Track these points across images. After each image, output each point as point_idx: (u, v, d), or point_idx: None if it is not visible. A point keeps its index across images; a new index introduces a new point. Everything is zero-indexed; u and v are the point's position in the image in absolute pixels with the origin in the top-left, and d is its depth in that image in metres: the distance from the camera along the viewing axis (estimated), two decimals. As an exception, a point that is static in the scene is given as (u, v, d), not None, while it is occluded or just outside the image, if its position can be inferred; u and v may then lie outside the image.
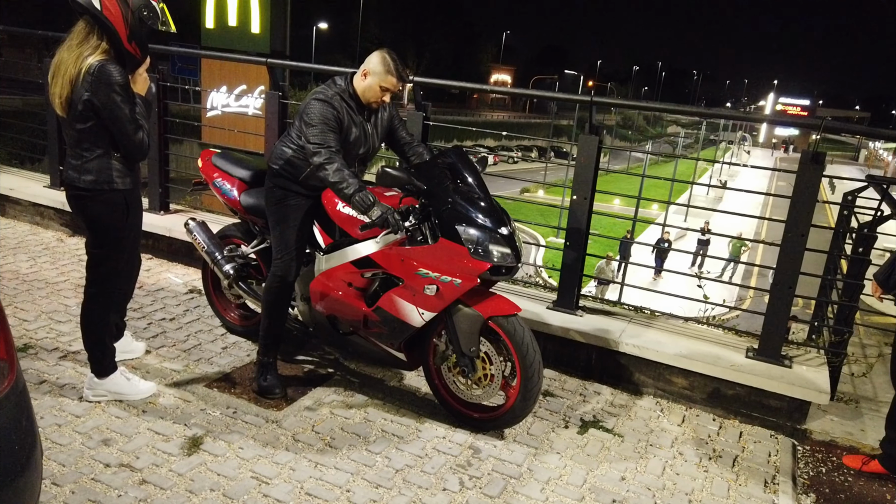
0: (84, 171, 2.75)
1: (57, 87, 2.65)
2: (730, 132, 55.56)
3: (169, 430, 2.83)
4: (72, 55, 2.63)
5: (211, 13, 8.64)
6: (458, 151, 3.12)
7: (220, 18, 8.60)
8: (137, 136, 2.75)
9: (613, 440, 3.12)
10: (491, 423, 3.05)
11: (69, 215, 5.21)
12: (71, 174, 2.79)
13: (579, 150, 3.69)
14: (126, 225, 2.90)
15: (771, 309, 3.40)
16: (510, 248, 2.87)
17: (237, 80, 8.61)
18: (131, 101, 2.71)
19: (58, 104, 2.67)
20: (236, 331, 3.83)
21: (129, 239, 2.96)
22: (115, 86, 2.62)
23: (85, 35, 2.64)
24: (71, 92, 2.64)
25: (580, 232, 3.74)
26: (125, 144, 2.76)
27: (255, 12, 8.61)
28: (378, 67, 2.98)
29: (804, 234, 3.25)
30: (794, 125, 19.68)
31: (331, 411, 3.13)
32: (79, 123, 2.68)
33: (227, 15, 8.63)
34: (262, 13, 8.55)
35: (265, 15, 8.50)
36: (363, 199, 2.79)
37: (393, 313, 3.00)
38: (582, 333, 3.63)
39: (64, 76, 2.64)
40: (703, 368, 3.38)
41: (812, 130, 3.63)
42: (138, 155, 2.82)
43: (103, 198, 2.79)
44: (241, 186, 3.52)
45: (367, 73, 2.99)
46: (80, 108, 2.64)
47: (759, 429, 3.33)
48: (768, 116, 15.38)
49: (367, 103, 3.06)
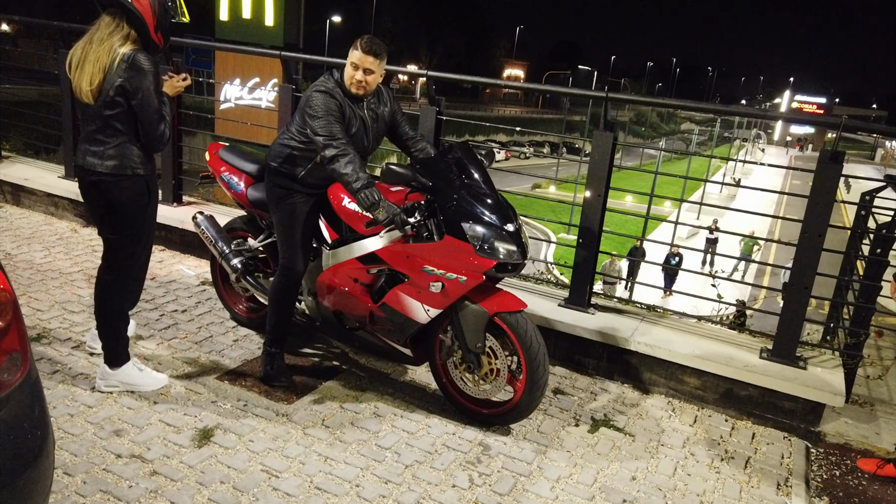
0: (106, 157, 2.80)
1: (86, 75, 2.72)
2: (744, 129, 55.12)
3: (180, 422, 2.84)
4: (103, 46, 2.72)
5: (225, 5, 8.66)
6: (465, 147, 3.09)
7: (234, 11, 8.62)
8: (160, 126, 2.81)
9: (624, 439, 3.10)
10: (499, 418, 3.04)
11: (83, 206, 5.23)
12: (91, 160, 2.82)
13: (594, 146, 3.66)
14: (146, 210, 2.95)
15: (786, 309, 3.36)
16: (516, 244, 2.85)
17: (250, 72, 8.62)
18: (160, 91, 2.80)
19: (87, 92, 2.73)
20: (245, 323, 3.84)
21: (147, 224, 3.00)
22: (148, 73, 2.71)
23: (114, 27, 2.73)
24: (103, 80, 2.71)
25: (593, 229, 3.71)
26: (147, 133, 2.81)
27: (270, 5, 8.62)
28: (353, 53, 2.95)
29: (821, 234, 3.21)
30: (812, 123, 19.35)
31: (340, 405, 3.13)
32: (107, 110, 2.75)
33: (242, 7, 8.65)
34: (276, 6, 8.56)
35: (279, 8, 8.51)
36: (368, 195, 2.77)
37: (398, 310, 2.99)
38: (593, 331, 3.61)
39: (95, 65, 2.71)
40: (716, 368, 3.35)
41: (829, 129, 3.58)
42: (158, 145, 2.87)
43: (126, 183, 2.84)
44: (248, 180, 3.52)
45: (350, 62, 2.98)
46: (111, 95, 2.72)
47: (772, 430, 3.30)
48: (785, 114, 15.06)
49: (352, 92, 3.00)
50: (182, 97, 5.00)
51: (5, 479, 1.49)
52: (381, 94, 3.16)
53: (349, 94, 2.99)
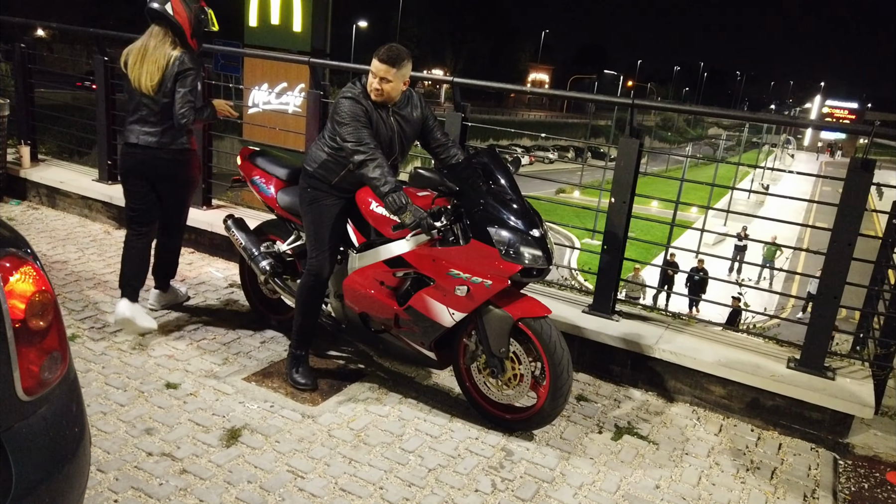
0: (159, 135, 3.53)
1: (146, 73, 3.43)
2: (773, 135, 54.27)
3: (209, 422, 2.90)
4: (158, 51, 3.44)
5: (254, 12, 8.81)
6: (492, 152, 3.12)
7: (263, 17, 8.76)
8: (182, 110, 3.42)
9: (648, 447, 3.09)
10: (522, 423, 3.05)
11: (116, 209, 5.36)
12: (145, 138, 3.52)
13: (619, 152, 3.65)
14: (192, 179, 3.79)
15: (814, 319, 3.32)
16: (541, 250, 2.86)
17: (278, 77, 8.76)
18: (194, 88, 3.44)
19: (148, 86, 3.44)
20: (272, 325, 3.90)
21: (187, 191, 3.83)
22: (193, 70, 3.44)
23: (163, 35, 3.46)
24: (162, 76, 3.42)
25: (618, 236, 3.71)
26: (175, 111, 3.44)
27: (298, 11, 8.74)
28: (374, 63, 2.99)
29: (851, 243, 3.17)
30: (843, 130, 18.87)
31: (365, 408, 3.16)
32: (166, 98, 3.46)
33: (270, 13, 8.79)
34: (304, 12, 8.68)
35: (307, 14, 8.63)
36: (396, 199, 2.81)
37: (424, 313, 3.02)
38: (617, 338, 3.60)
39: (154, 65, 3.42)
40: (742, 377, 3.32)
41: (861, 136, 3.53)
42: (179, 121, 3.45)
43: (173, 155, 3.59)
44: (278, 185, 3.58)
45: (372, 73, 3.01)
46: (168, 87, 3.43)
47: (799, 441, 3.26)
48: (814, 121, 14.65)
49: (379, 97, 3.03)
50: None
51: (45, 475, 1.54)
52: (411, 98, 3.19)
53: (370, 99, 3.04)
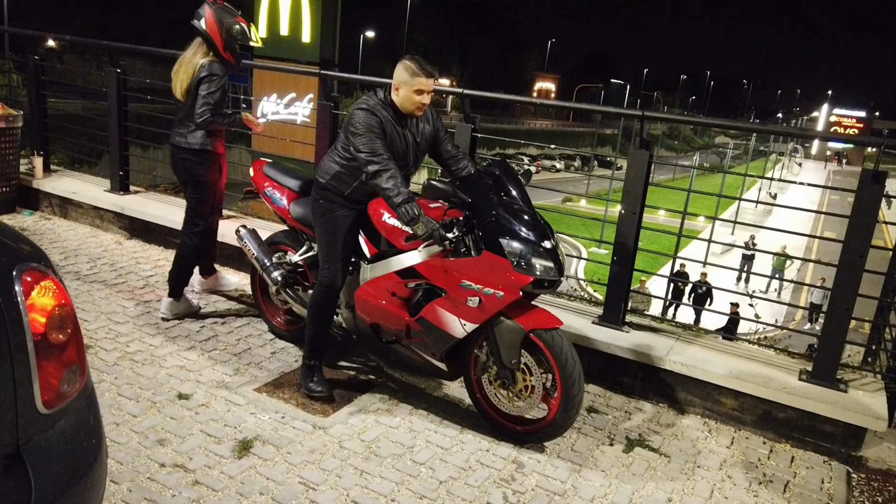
0: (189, 136, 3.84)
1: (180, 80, 3.78)
2: (781, 143, 54.14)
3: (220, 433, 2.91)
4: (191, 61, 3.76)
5: (263, 23, 8.89)
6: (503, 164, 3.14)
7: (272, 28, 8.84)
8: (201, 109, 3.68)
9: (660, 460, 3.08)
10: (533, 435, 3.05)
11: (128, 219, 5.40)
12: (178, 139, 3.87)
13: (629, 164, 3.66)
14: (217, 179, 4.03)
15: (826, 331, 3.31)
16: (553, 261, 2.87)
17: (287, 88, 8.83)
18: (213, 90, 3.68)
19: (179, 92, 3.80)
20: (283, 335, 3.91)
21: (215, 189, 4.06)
22: (213, 76, 3.70)
23: (198, 46, 3.77)
24: (189, 82, 3.74)
25: (628, 247, 3.71)
26: (195, 111, 3.69)
27: (307, 22, 8.82)
28: (404, 76, 3.01)
29: (863, 255, 3.16)
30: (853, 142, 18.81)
31: (376, 419, 3.17)
32: (191, 102, 3.75)
33: (280, 24, 8.87)
34: (312, 23, 8.75)
35: (316, 24, 8.70)
36: (408, 210, 2.82)
37: (435, 323, 3.03)
38: (628, 350, 3.59)
39: (185, 73, 3.76)
40: (753, 390, 3.31)
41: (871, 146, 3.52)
42: (197, 121, 3.71)
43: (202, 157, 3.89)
44: (290, 196, 3.61)
45: (398, 87, 3.03)
46: (193, 90, 3.73)
47: (811, 454, 3.24)
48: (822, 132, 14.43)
49: (410, 113, 3.09)
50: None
51: (64, 487, 1.56)
52: (425, 111, 3.23)
53: (397, 112, 3.07)
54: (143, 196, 5.70)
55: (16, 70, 8.56)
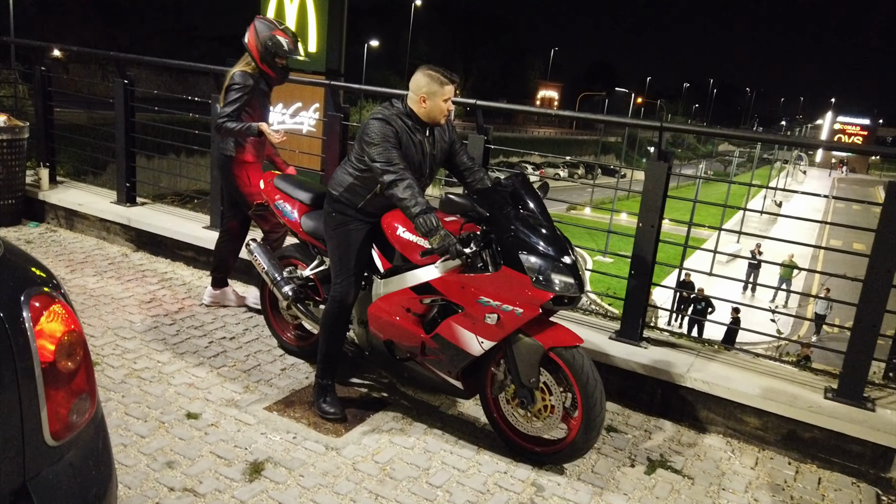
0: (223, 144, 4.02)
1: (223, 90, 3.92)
2: (785, 151, 53.98)
3: (231, 455, 2.83)
4: (231, 71, 3.91)
5: (269, 33, 8.85)
6: (522, 178, 3.06)
7: (277, 38, 8.80)
8: (220, 119, 3.78)
9: (683, 482, 2.98)
10: (552, 456, 2.96)
11: (135, 231, 5.34)
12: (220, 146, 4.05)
13: (647, 176, 3.58)
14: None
15: (852, 348, 3.21)
16: (573, 277, 2.79)
17: (293, 97, 8.77)
18: (235, 99, 3.77)
19: (221, 101, 3.92)
20: (293, 351, 3.83)
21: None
22: (234, 85, 3.80)
23: (243, 59, 3.90)
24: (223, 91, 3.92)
25: (646, 260, 3.63)
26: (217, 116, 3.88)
27: (312, 32, 8.77)
28: (433, 86, 2.97)
29: (891, 269, 3.07)
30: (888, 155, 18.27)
31: (390, 440, 3.08)
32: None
33: (285, 34, 8.83)
34: (318, 33, 8.70)
35: (322, 34, 8.65)
36: (426, 221, 2.76)
37: (451, 341, 2.95)
38: (647, 366, 3.50)
39: (224, 82, 3.91)
40: (778, 409, 3.21)
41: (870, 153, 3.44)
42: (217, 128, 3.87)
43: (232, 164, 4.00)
44: (301, 209, 3.54)
45: (426, 98, 2.97)
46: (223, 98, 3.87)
47: (839, 475, 3.14)
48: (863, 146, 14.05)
49: (436, 122, 3.06)
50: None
51: (73, 523, 1.47)
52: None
53: (416, 122, 3.02)
54: (150, 208, 5.64)
55: (21, 81, 8.54)
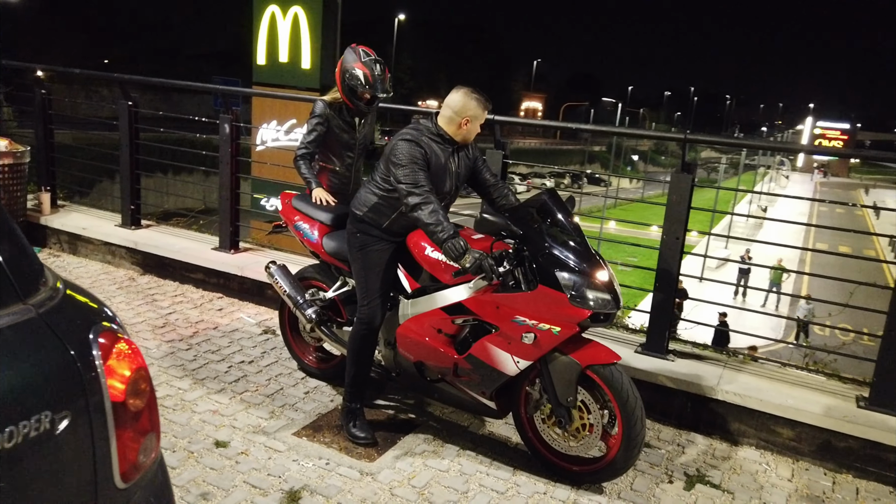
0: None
1: None
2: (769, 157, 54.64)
3: (265, 484, 2.75)
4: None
5: (263, 50, 8.83)
6: (552, 193, 3.04)
7: (271, 55, 8.79)
8: (300, 149, 3.73)
9: (723, 497, 2.94)
10: (591, 476, 2.91)
11: (140, 255, 5.25)
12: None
13: (671, 188, 3.57)
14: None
15: (884, 355, 3.21)
16: (610, 293, 2.76)
17: (287, 114, 8.73)
18: (311, 130, 3.73)
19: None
20: (314, 374, 3.76)
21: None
22: (312, 113, 3.77)
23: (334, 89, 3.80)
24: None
25: (671, 273, 3.61)
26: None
27: (306, 49, 8.77)
28: (479, 111, 2.97)
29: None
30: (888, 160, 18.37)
31: (424, 462, 3.02)
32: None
33: (279, 52, 8.82)
34: (312, 49, 8.70)
35: (316, 51, 8.64)
36: (455, 245, 2.73)
37: (486, 361, 2.90)
38: (675, 380, 3.48)
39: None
40: (812, 419, 3.20)
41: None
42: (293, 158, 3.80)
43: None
44: (322, 229, 3.49)
45: (469, 121, 2.96)
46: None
47: (876, 484, 3.12)
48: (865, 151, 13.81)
49: (467, 142, 3.06)
50: (240, 145, 5.01)
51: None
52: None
53: (444, 142, 3.00)
54: (156, 230, 5.56)
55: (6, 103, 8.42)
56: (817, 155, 58.74)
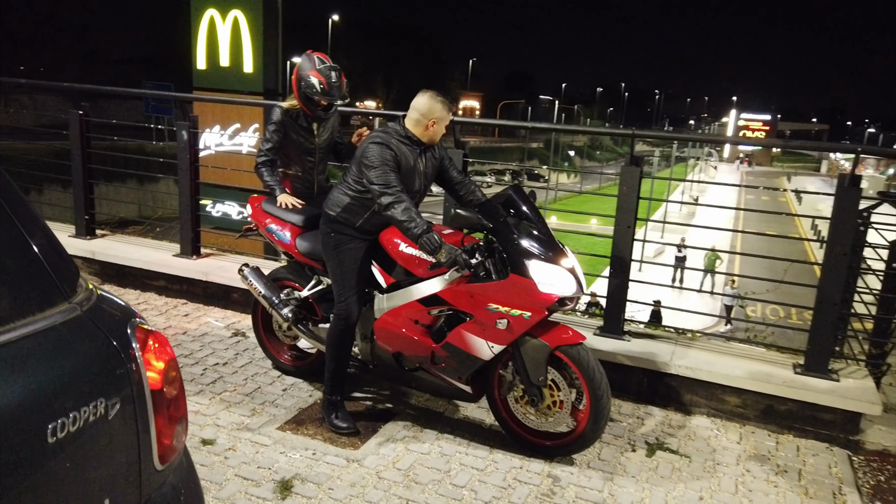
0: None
1: None
2: (697, 149, 56.97)
3: (256, 475, 2.86)
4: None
5: (202, 55, 8.74)
6: (517, 189, 3.25)
7: (211, 59, 8.71)
8: (259, 157, 3.82)
9: (681, 461, 3.22)
10: (563, 449, 3.14)
11: (98, 264, 5.20)
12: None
13: (621, 180, 3.84)
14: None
15: (816, 325, 3.55)
16: (575, 279, 2.99)
17: (230, 119, 8.69)
18: (268, 137, 3.79)
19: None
20: (290, 371, 3.87)
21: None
22: (270, 120, 3.84)
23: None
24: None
25: (624, 260, 3.88)
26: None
27: (248, 53, 8.73)
28: (444, 114, 3.14)
29: (846, 252, 3.43)
30: (833, 150, 19.44)
31: (406, 447, 3.18)
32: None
33: (220, 56, 8.75)
34: (254, 53, 8.67)
35: (258, 54, 8.62)
36: (430, 240, 2.90)
37: (462, 348, 3.09)
38: (632, 357, 3.75)
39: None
40: (755, 386, 3.52)
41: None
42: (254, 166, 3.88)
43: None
44: (294, 231, 3.60)
45: (435, 122, 3.13)
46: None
47: (813, 442, 3.46)
48: (808, 143, 14.57)
49: (434, 143, 3.22)
50: (198, 152, 5.03)
51: (186, 543, 1.53)
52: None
53: (412, 143, 3.15)
54: (112, 239, 5.51)
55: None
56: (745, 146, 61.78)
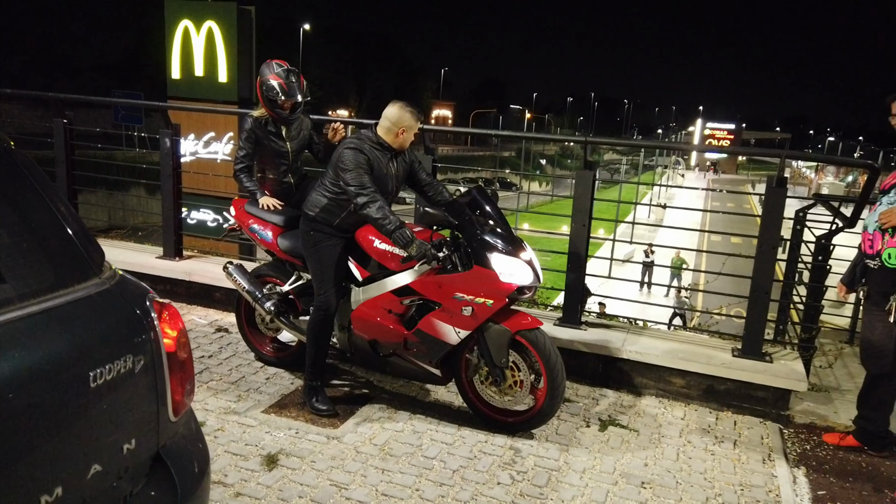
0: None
1: None
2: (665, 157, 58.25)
3: (244, 451, 3.14)
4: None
5: (177, 64, 8.91)
6: (481, 189, 3.58)
7: (186, 69, 8.89)
8: (236, 164, 4.09)
9: (630, 434, 3.57)
10: (523, 424, 3.47)
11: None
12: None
13: (576, 184, 4.20)
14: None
15: (751, 313, 3.94)
16: (532, 270, 3.33)
17: (205, 127, 8.88)
18: (245, 144, 4.06)
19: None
20: (272, 362, 4.14)
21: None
22: (241, 129, 4.12)
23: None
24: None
25: (580, 256, 4.23)
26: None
27: (222, 62, 8.94)
28: (412, 122, 3.44)
29: (774, 246, 3.82)
30: (761, 155, 20.28)
31: (381, 426, 3.48)
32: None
33: (194, 65, 8.94)
34: (228, 62, 8.87)
35: (232, 64, 8.82)
36: (403, 235, 3.21)
37: (432, 334, 3.40)
38: (588, 344, 4.10)
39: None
40: (698, 368, 3.89)
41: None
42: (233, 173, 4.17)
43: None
44: (275, 230, 3.88)
45: (404, 131, 3.43)
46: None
47: (749, 417, 3.84)
48: (737, 148, 15.50)
49: (403, 149, 3.51)
50: (180, 159, 5.27)
51: (196, 481, 1.82)
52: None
53: (385, 148, 3.44)
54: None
55: None
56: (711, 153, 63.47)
